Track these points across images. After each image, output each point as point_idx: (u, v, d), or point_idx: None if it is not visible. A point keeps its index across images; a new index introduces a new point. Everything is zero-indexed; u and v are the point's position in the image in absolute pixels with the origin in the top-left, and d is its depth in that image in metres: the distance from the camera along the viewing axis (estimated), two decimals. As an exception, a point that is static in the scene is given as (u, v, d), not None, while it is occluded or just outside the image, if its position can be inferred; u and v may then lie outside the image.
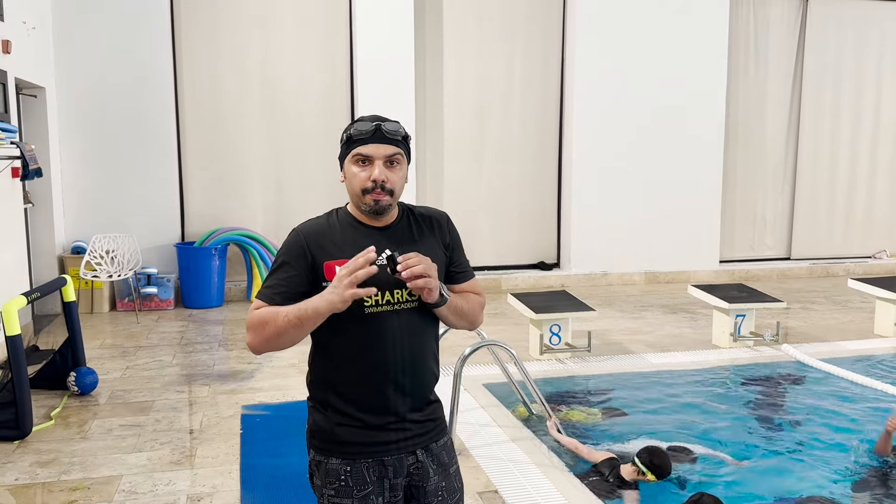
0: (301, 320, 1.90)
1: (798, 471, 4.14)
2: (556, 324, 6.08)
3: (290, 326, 1.91)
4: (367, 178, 2.00)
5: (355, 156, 2.01)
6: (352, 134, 2.02)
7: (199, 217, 8.55)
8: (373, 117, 2.03)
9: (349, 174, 2.04)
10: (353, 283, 1.86)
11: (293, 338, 1.94)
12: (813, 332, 7.09)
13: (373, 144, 2.00)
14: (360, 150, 2.00)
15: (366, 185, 2.00)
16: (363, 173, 2.00)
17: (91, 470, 4.05)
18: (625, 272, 9.57)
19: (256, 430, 4.60)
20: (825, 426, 4.78)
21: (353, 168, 2.02)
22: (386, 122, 2.02)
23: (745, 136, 10.15)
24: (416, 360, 2.06)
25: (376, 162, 2.00)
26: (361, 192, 2.01)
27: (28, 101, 7.47)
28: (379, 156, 2.00)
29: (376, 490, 2.03)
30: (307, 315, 1.90)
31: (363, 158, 2.01)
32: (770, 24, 10.06)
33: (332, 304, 1.88)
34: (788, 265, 10.24)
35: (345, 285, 1.86)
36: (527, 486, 3.81)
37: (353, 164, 2.02)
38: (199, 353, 6.36)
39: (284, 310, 1.92)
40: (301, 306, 1.91)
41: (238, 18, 8.48)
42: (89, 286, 7.73)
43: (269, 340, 1.95)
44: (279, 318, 1.92)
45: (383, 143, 2.00)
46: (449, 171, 9.31)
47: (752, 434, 4.70)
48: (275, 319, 1.92)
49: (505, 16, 9.26)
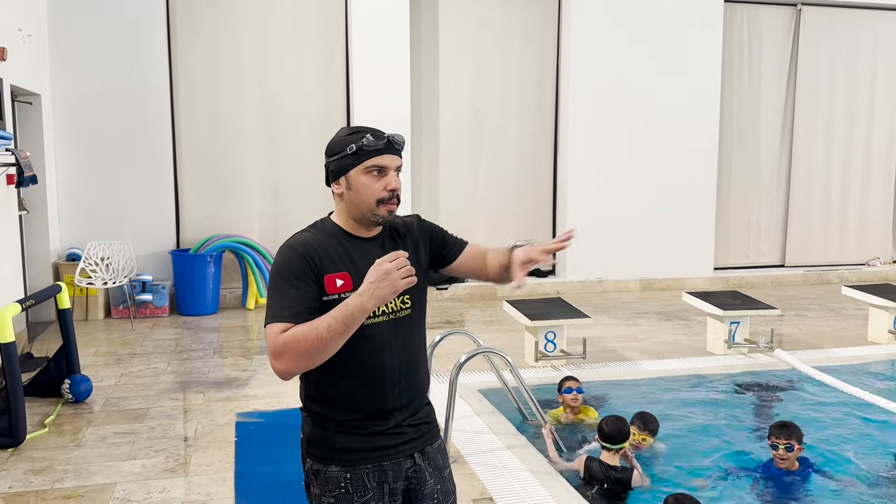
0: (347, 325, 1.85)
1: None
2: (552, 331, 6.08)
3: (336, 335, 1.85)
4: (383, 188, 2.03)
5: (369, 167, 2.03)
6: (364, 145, 2.02)
7: (194, 224, 8.54)
8: (372, 129, 2.06)
9: (359, 185, 2.03)
10: (406, 274, 1.84)
11: (336, 347, 1.88)
12: (807, 339, 7.11)
13: (388, 155, 2.04)
14: (375, 161, 2.03)
15: (382, 195, 2.03)
16: (378, 184, 2.03)
17: (85, 478, 4.04)
18: (620, 279, 9.59)
19: (251, 438, 4.59)
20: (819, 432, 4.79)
21: (365, 179, 2.03)
22: (395, 134, 2.06)
23: (740, 144, 10.19)
24: (411, 365, 2.10)
25: (390, 172, 2.04)
26: (377, 202, 2.03)
27: (23, 109, 7.46)
28: (392, 166, 2.05)
29: (376, 496, 2.04)
30: (353, 317, 1.84)
31: (378, 169, 2.03)
32: (764, 31, 10.11)
33: (381, 297, 1.84)
34: (783, 272, 10.28)
35: (398, 276, 1.83)
36: (522, 494, 3.81)
37: (365, 174, 2.03)
38: (194, 360, 6.34)
39: (322, 321, 1.86)
40: (342, 311, 1.85)
41: (234, 27, 8.50)
42: (84, 293, 7.71)
43: (311, 357, 1.87)
44: (321, 331, 1.85)
45: (394, 154, 2.06)
46: (444, 177, 9.32)
47: (745, 440, 4.70)
48: (317, 333, 1.85)
49: (501, 21, 9.29)
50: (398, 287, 1.84)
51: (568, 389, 4.92)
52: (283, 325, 1.90)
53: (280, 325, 1.90)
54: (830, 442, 4.65)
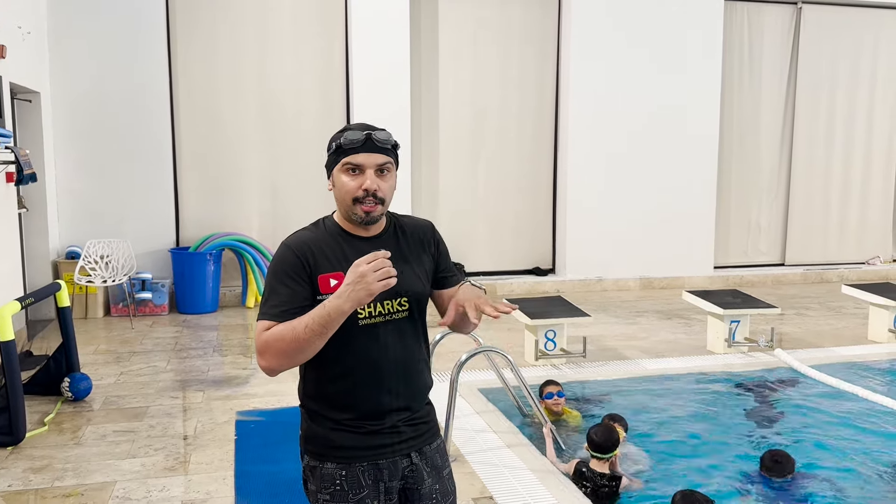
0: (324, 326, 1.86)
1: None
2: (552, 329, 6.08)
3: (314, 335, 1.86)
4: (358, 186, 1.98)
5: (346, 165, 2.00)
6: (342, 143, 1.99)
7: (193, 222, 8.53)
8: (362, 126, 2.02)
9: (338, 183, 2.02)
10: (383, 276, 1.82)
11: (315, 347, 1.90)
12: (807, 338, 7.11)
13: (364, 153, 1.98)
14: (350, 160, 1.99)
15: (357, 193, 1.99)
16: (353, 182, 1.99)
17: (85, 476, 4.03)
18: (620, 278, 9.58)
19: (251, 437, 4.59)
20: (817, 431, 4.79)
21: (343, 177, 2.00)
22: (376, 131, 2.00)
23: (740, 143, 10.19)
24: (408, 367, 2.08)
25: (367, 171, 1.99)
26: (352, 201, 2.00)
27: (23, 106, 7.45)
28: (370, 164, 1.99)
29: (371, 494, 2.03)
30: (330, 318, 1.85)
31: (354, 167, 1.99)
32: (764, 30, 10.10)
33: (357, 300, 1.83)
34: (783, 271, 10.27)
35: (374, 278, 1.82)
36: (522, 493, 3.80)
37: (343, 173, 2.00)
38: (194, 358, 6.34)
39: (301, 321, 1.88)
40: (320, 312, 1.86)
41: (234, 24, 8.49)
42: (83, 291, 7.71)
43: (291, 356, 1.90)
44: (299, 331, 1.87)
45: (374, 152, 1.99)
46: (444, 177, 9.32)
47: (744, 439, 4.70)
48: (294, 333, 1.87)
49: (501, 21, 9.28)
50: (373, 290, 1.82)
51: (549, 395, 4.94)
52: (268, 323, 1.94)
53: (265, 324, 1.94)
54: (829, 441, 4.65)
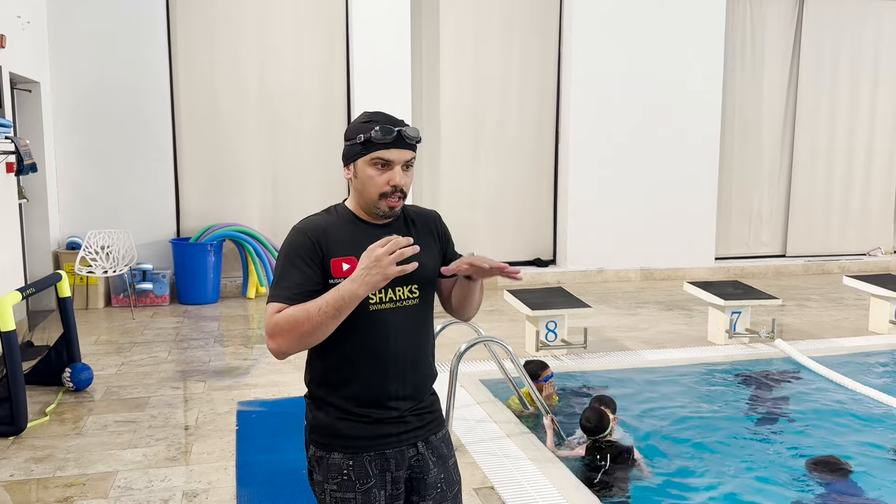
0: (338, 310, 1.86)
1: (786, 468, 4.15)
2: (553, 320, 6.08)
3: (327, 318, 1.86)
4: (386, 182, 1.99)
5: (374, 159, 1.99)
6: (373, 137, 1.98)
7: (194, 213, 8.53)
8: (390, 119, 2.01)
9: (364, 176, 2.01)
10: (397, 259, 1.82)
11: (327, 331, 1.89)
12: (808, 329, 7.11)
13: (395, 150, 1.98)
14: (380, 155, 1.98)
15: (384, 189, 1.99)
16: (381, 177, 1.99)
17: (86, 466, 4.04)
18: (621, 269, 9.58)
19: (252, 427, 4.59)
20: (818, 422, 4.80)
21: (370, 171, 2.00)
22: (407, 128, 2.01)
23: (742, 134, 10.16)
24: (417, 354, 2.09)
25: (396, 167, 1.99)
26: (379, 196, 2.00)
27: (23, 96, 7.43)
28: (399, 161, 2.00)
29: (378, 483, 2.03)
30: (344, 301, 1.85)
31: (384, 162, 1.99)
32: (766, 21, 10.06)
33: (373, 284, 1.83)
34: (784, 262, 10.26)
35: (389, 261, 1.81)
36: (523, 482, 3.81)
37: (371, 166, 2.00)
38: (195, 349, 6.34)
39: (315, 304, 1.88)
40: (334, 295, 1.86)
41: (236, 14, 8.45)
42: (84, 282, 7.71)
43: (303, 338, 1.90)
44: (312, 313, 1.86)
45: (404, 149, 2.00)
46: (446, 169, 9.30)
47: (746, 430, 4.71)
48: (307, 316, 1.87)
49: (502, 15, 9.24)
50: (389, 274, 1.82)
51: (547, 377, 4.92)
52: (279, 305, 1.93)
53: (276, 306, 1.94)
54: (830, 433, 4.65)
